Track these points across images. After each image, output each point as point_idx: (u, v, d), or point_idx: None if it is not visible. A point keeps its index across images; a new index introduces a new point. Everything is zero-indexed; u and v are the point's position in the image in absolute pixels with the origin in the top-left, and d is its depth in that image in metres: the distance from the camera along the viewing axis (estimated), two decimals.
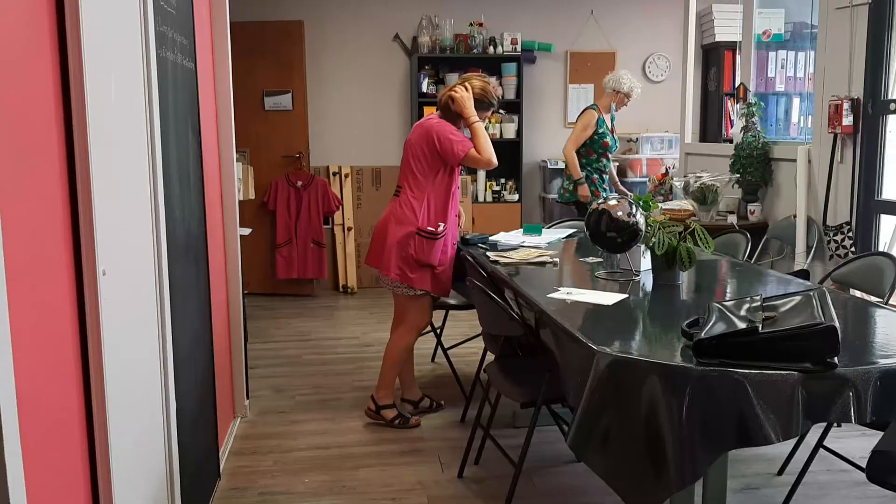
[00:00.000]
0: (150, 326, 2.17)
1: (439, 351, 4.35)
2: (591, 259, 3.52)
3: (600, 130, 5.21)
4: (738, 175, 4.92)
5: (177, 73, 2.53)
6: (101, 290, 1.75)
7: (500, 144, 6.67)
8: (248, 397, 3.90)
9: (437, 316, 4.30)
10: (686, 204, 4.86)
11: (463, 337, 4.75)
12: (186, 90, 2.70)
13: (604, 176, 5.35)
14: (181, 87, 2.60)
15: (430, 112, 3.76)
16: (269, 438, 3.56)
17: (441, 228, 3.54)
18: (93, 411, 1.77)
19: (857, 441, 3.39)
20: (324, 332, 5.42)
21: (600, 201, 3.10)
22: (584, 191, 5.23)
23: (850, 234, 4.08)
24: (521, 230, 4.32)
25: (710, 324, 2.07)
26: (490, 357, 3.31)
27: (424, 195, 3.52)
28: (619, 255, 3.23)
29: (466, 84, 3.57)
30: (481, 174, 6.72)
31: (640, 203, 3.09)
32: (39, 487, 1.49)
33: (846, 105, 4.03)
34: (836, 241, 4.14)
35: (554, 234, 4.24)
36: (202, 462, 2.80)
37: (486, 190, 6.80)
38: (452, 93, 3.54)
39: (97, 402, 1.77)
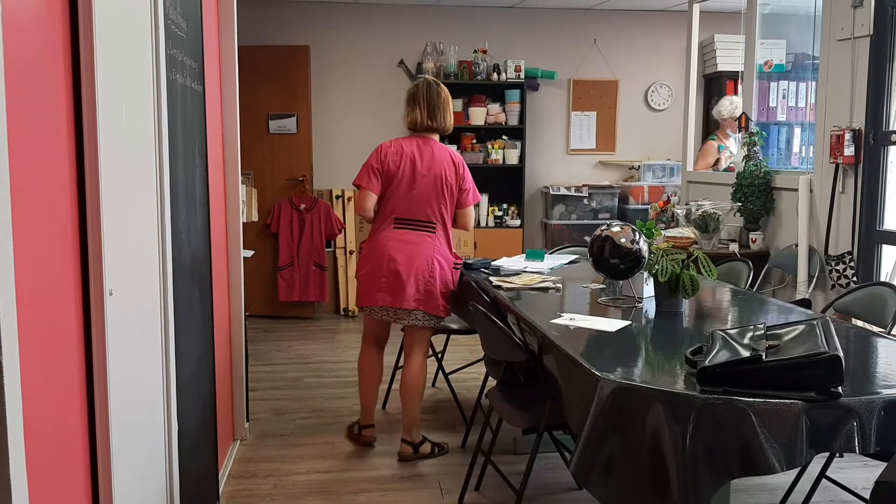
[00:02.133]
0: (154, 347, 2.18)
1: (440, 375, 4.33)
2: (593, 285, 3.52)
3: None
4: (740, 203, 4.94)
5: (186, 96, 2.55)
6: (107, 310, 1.75)
7: (502, 170, 6.77)
8: (248, 420, 3.89)
9: (439, 341, 4.30)
10: (688, 231, 4.87)
11: (464, 362, 4.74)
12: (195, 113, 2.72)
13: None
14: (190, 110, 2.62)
15: (434, 137, 3.84)
16: (269, 462, 3.54)
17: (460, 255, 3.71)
18: (96, 431, 1.77)
19: (860, 472, 3.37)
20: (324, 355, 5.40)
21: (603, 228, 3.11)
22: None
23: (852, 263, 4.09)
24: (524, 255, 4.33)
25: (714, 352, 2.07)
26: (491, 382, 3.31)
27: (450, 228, 3.63)
28: (621, 282, 3.24)
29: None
30: (484, 198, 6.73)
31: (644, 230, 3.10)
32: None
33: (848, 135, 4.05)
34: (837, 271, 4.15)
35: (556, 259, 4.24)
36: (202, 485, 2.78)
37: (488, 215, 6.82)
38: None
39: (101, 422, 1.77)
